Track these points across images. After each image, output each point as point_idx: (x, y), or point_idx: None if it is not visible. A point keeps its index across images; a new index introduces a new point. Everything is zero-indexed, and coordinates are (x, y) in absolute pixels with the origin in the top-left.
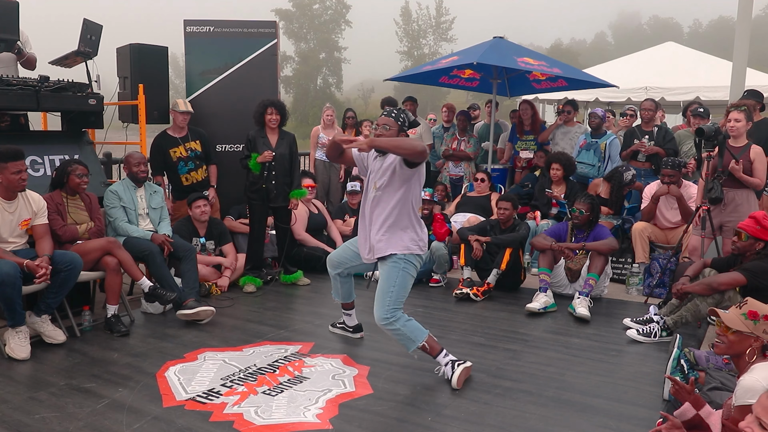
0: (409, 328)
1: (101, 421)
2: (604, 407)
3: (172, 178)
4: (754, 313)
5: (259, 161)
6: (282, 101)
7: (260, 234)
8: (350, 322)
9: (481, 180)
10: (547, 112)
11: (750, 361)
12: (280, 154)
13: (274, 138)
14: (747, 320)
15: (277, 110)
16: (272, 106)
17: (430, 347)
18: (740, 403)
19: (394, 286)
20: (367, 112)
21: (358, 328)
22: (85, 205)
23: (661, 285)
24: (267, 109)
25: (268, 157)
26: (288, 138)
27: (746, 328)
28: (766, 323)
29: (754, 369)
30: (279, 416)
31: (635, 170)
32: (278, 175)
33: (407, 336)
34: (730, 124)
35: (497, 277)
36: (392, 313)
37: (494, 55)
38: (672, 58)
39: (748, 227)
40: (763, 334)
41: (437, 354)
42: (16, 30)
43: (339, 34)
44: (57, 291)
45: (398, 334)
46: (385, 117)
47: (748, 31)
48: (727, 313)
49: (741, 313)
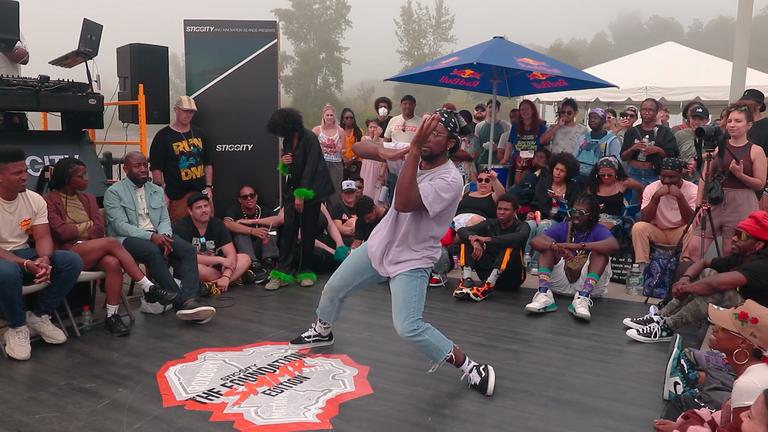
0: (435, 337)
1: (101, 421)
2: (604, 407)
3: (172, 173)
4: (744, 314)
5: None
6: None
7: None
8: (325, 332)
9: (486, 180)
10: (548, 113)
11: (740, 362)
12: (296, 156)
13: (296, 141)
14: (736, 320)
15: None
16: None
17: (456, 357)
18: (737, 405)
19: (416, 295)
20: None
21: (331, 335)
22: (84, 204)
23: (661, 285)
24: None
25: (287, 159)
26: (305, 138)
27: (734, 328)
28: (753, 327)
29: (749, 371)
30: (279, 416)
31: (634, 170)
32: (296, 176)
33: (435, 346)
34: (731, 125)
35: (497, 277)
36: (417, 324)
37: (494, 55)
38: (672, 58)
39: (749, 227)
40: (750, 337)
41: (462, 362)
42: (16, 30)
43: (339, 34)
44: (57, 291)
45: (425, 345)
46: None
47: (748, 31)
48: (720, 311)
49: (733, 313)
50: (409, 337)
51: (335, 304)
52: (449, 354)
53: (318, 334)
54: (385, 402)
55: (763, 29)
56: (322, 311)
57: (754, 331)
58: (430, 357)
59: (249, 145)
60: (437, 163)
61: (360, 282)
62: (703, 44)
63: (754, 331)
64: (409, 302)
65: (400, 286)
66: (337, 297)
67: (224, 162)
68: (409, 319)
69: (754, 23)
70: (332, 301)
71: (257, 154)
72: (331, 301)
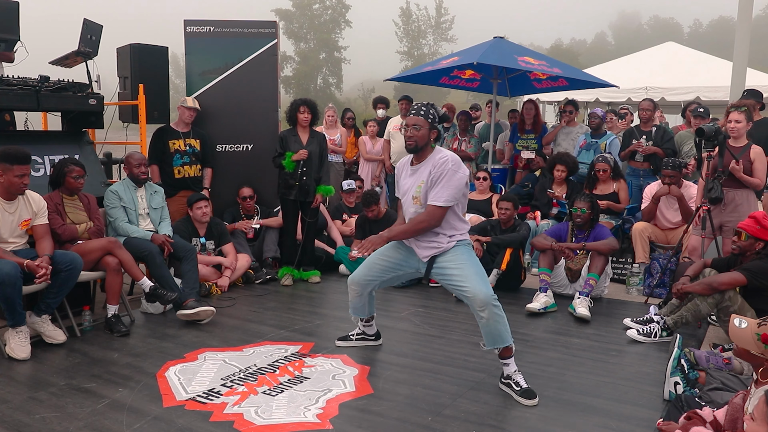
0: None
1: (101, 421)
2: (604, 407)
3: (165, 170)
4: (766, 337)
5: (294, 159)
6: (314, 101)
7: (293, 230)
8: (371, 331)
9: (483, 179)
10: (548, 113)
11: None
12: (312, 152)
13: (305, 136)
14: (758, 341)
15: (309, 109)
16: (305, 104)
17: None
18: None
19: (480, 265)
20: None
21: (379, 335)
22: (84, 205)
23: (661, 285)
24: (300, 107)
25: (303, 155)
26: (318, 137)
27: (757, 350)
28: None
29: None
30: (279, 416)
31: (633, 170)
32: (310, 172)
33: (505, 325)
34: (731, 125)
35: (497, 277)
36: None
37: (494, 55)
38: (672, 58)
39: (748, 227)
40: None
41: (510, 356)
42: (16, 30)
43: (339, 34)
44: (57, 291)
45: (501, 319)
46: (414, 116)
47: (748, 31)
48: (743, 328)
49: (756, 333)
50: (494, 305)
51: (364, 298)
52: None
53: (363, 333)
54: (385, 402)
55: (763, 29)
56: (354, 309)
57: None
58: (494, 337)
59: (249, 145)
60: (425, 154)
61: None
62: (703, 44)
63: None
64: (480, 270)
65: (460, 258)
66: (366, 290)
67: (224, 162)
68: (488, 284)
69: (754, 23)
70: (360, 295)
71: (257, 154)
72: (359, 297)
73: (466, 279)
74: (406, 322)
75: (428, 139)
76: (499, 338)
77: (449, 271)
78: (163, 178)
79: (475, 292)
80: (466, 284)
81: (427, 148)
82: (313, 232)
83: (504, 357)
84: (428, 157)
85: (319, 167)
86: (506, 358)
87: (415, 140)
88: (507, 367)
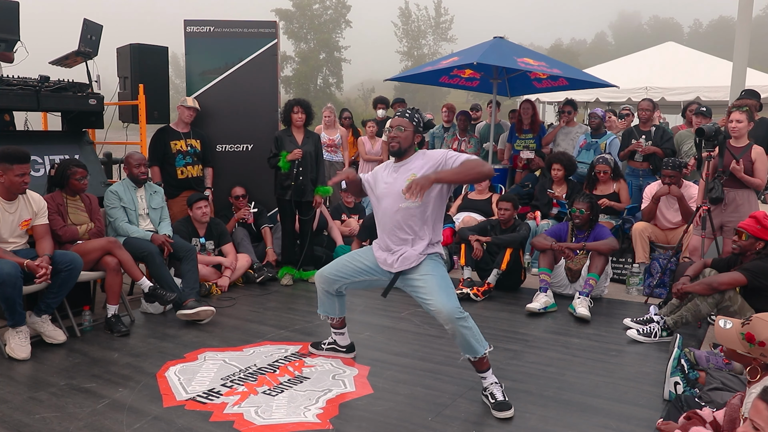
0: (477, 329)
1: (101, 421)
2: (604, 407)
3: (168, 171)
4: (750, 336)
5: (289, 159)
6: (308, 101)
7: (291, 230)
8: (343, 341)
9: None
10: (548, 113)
11: (753, 379)
12: (307, 152)
13: (300, 136)
14: (743, 341)
15: (303, 109)
16: (298, 104)
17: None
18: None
19: (448, 279)
20: (368, 112)
21: (351, 348)
22: (85, 206)
23: (661, 285)
24: (293, 108)
25: (298, 155)
26: (313, 137)
27: (743, 349)
28: (762, 349)
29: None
30: (279, 416)
31: (632, 170)
32: (305, 171)
33: (477, 337)
34: (732, 125)
35: (497, 277)
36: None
37: (494, 55)
38: (672, 58)
39: (749, 227)
40: (761, 357)
41: (487, 369)
42: (16, 30)
43: (339, 34)
44: (57, 291)
45: (468, 332)
46: (398, 118)
47: (748, 31)
48: (728, 329)
49: (740, 332)
50: (458, 318)
51: (333, 296)
52: (486, 352)
53: (334, 342)
54: (385, 402)
55: (763, 29)
56: (321, 305)
57: (763, 352)
58: (465, 349)
59: (249, 145)
60: (407, 156)
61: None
62: (703, 44)
63: (763, 351)
64: (448, 285)
65: (427, 271)
66: (332, 288)
67: (224, 162)
68: (455, 300)
69: (754, 23)
70: (328, 295)
71: (257, 154)
72: (326, 295)
73: (430, 292)
74: (406, 322)
75: (412, 141)
76: (470, 349)
77: (415, 283)
78: (166, 178)
79: (438, 306)
80: (430, 298)
81: (410, 151)
82: (310, 232)
83: (479, 370)
84: (410, 158)
85: (315, 167)
86: (482, 371)
87: (399, 141)
88: (485, 380)
